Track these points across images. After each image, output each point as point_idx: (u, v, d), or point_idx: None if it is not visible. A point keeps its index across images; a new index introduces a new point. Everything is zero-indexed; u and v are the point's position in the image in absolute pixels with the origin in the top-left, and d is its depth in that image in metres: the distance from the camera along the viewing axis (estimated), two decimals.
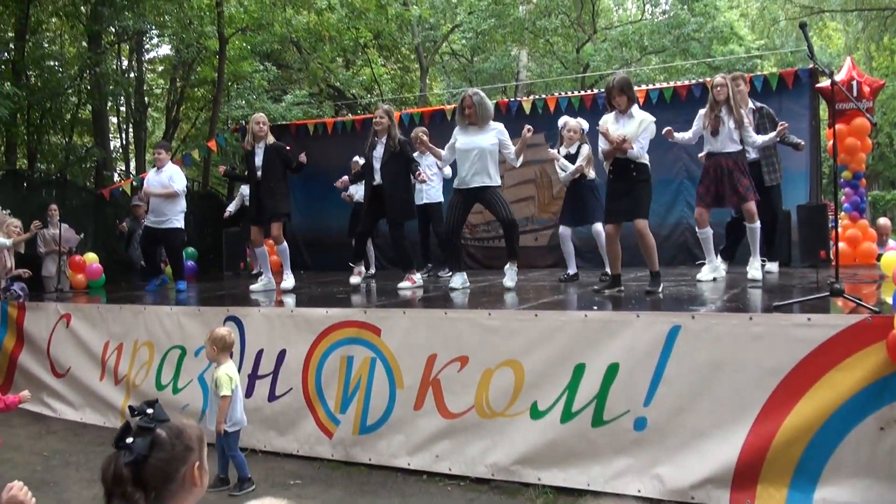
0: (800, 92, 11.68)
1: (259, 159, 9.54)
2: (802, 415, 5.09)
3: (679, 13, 24.32)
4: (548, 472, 5.88)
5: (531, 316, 6.16)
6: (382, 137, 9.30)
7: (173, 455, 2.20)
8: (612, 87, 7.59)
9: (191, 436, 2.27)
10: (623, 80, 7.62)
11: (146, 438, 2.16)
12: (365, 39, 23.82)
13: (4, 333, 9.59)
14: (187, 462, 2.23)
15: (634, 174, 7.51)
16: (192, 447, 2.26)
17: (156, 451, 2.16)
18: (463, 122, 8.61)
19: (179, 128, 24.19)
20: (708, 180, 8.40)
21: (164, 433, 2.20)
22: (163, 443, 2.18)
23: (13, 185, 13.27)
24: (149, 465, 2.14)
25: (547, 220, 13.13)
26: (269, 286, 9.82)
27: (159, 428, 2.20)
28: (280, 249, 9.89)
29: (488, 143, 8.44)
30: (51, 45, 20.43)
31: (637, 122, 7.50)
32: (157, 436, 2.19)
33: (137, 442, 2.15)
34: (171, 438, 2.21)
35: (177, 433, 2.24)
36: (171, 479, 2.19)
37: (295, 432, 7.09)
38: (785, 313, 5.43)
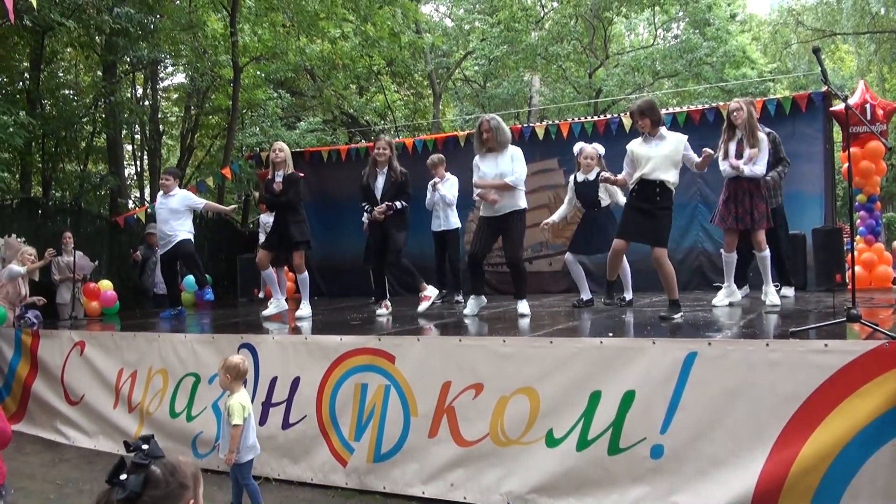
0: (813, 115, 11.65)
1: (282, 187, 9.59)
2: (820, 442, 5.03)
3: (691, 38, 24.37)
4: (564, 501, 5.83)
5: (546, 343, 6.13)
6: (384, 168, 9.30)
7: (167, 493, 2.18)
8: (633, 111, 7.67)
9: (186, 473, 2.26)
10: (644, 104, 7.66)
11: (140, 475, 2.15)
12: (378, 67, 23.92)
13: (19, 361, 9.61)
14: (181, 500, 2.22)
15: (658, 199, 7.53)
16: (187, 485, 2.25)
17: (149, 488, 2.15)
18: (481, 149, 8.54)
19: (194, 155, 24.28)
20: (730, 203, 8.35)
21: (159, 470, 2.19)
22: (157, 480, 2.17)
23: (28, 213, 13.31)
24: (141, 502, 2.13)
25: (561, 245, 13.10)
26: (281, 307, 9.83)
27: (154, 464, 2.19)
28: (301, 279, 9.83)
29: (508, 168, 8.36)
30: (66, 74, 20.58)
31: (670, 145, 7.59)
32: (151, 472, 2.17)
33: (131, 479, 2.13)
34: (166, 476, 2.20)
35: (171, 470, 2.23)
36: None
37: (309, 460, 7.06)
38: (802, 339, 5.39)
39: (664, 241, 7.60)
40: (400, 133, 25.43)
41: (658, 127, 7.65)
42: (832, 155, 12.00)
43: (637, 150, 7.68)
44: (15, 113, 13.21)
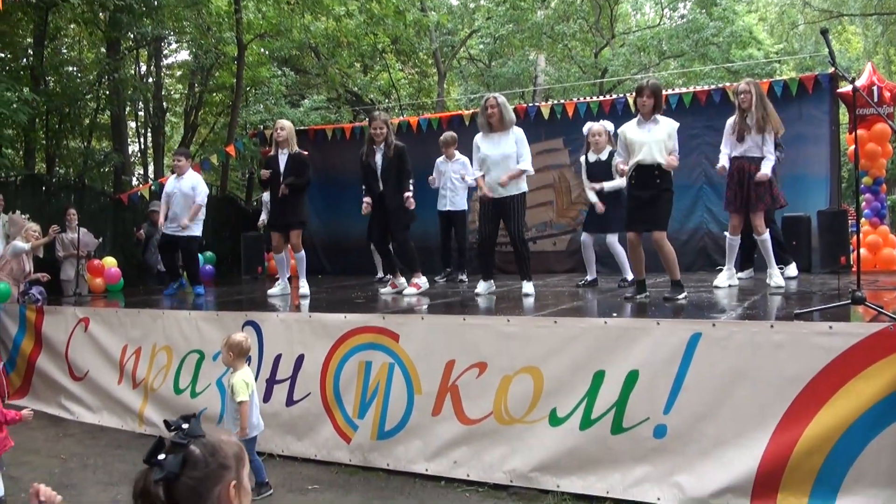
0: (820, 97, 11.61)
1: (282, 166, 9.59)
2: (823, 424, 5.04)
3: (697, 17, 24.21)
4: (567, 480, 5.85)
5: (550, 322, 6.14)
6: (381, 146, 9.28)
7: (207, 473, 2.07)
8: (646, 86, 7.57)
9: (227, 453, 2.14)
10: (657, 86, 7.62)
11: (178, 455, 2.04)
12: (383, 44, 23.86)
13: (23, 337, 9.64)
14: (222, 481, 2.10)
15: (658, 181, 7.49)
16: (229, 465, 2.13)
17: (188, 468, 2.04)
18: (486, 128, 8.51)
19: (198, 132, 24.26)
20: (734, 184, 8.34)
21: (198, 450, 2.08)
22: (196, 460, 2.06)
23: (32, 190, 13.32)
24: (180, 483, 2.03)
25: (565, 224, 13.11)
26: (285, 290, 9.87)
27: (193, 444, 2.08)
28: (298, 257, 9.91)
29: (512, 150, 8.37)
30: (69, 50, 20.56)
31: (664, 130, 7.52)
32: (191, 453, 2.06)
33: (169, 459, 2.03)
34: (206, 456, 2.08)
35: (212, 450, 2.11)
36: (203, 498, 2.07)
37: (313, 437, 7.08)
38: (806, 321, 5.39)
39: (664, 225, 7.58)
40: (404, 111, 25.38)
41: (656, 112, 7.61)
42: (838, 137, 11.97)
43: (631, 135, 7.63)
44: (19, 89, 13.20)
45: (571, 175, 12.74)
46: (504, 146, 8.36)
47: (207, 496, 2.07)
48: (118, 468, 7.05)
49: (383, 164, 9.22)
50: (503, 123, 8.41)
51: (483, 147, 8.49)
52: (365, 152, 9.40)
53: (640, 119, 7.61)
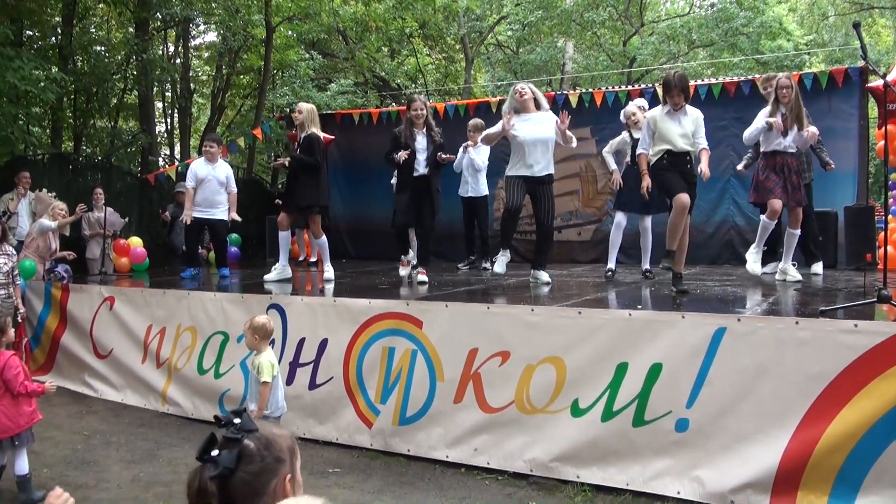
0: (849, 91, 11.51)
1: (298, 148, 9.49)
2: (846, 422, 5.03)
3: (727, 7, 24.03)
4: (587, 471, 5.87)
5: (574, 313, 6.14)
6: (423, 129, 9.20)
7: (263, 468, 2.06)
8: (674, 84, 7.52)
9: (281, 446, 2.13)
10: (683, 78, 7.61)
11: (233, 450, 2.03)
12: (411, 29, 23.82)
13: (48, 314, 9.73)
14: (278, 475, 2.08)
15: (689, 167, 7.58)
16: (283, 458, 2.11)
17: (243, 463, 2.03)
18: (519, 109, 8.47)
19: (224, 115, 24.30)
20: (776, 175, 8.18)
21: (253, 444, 2.06)
22: (251, 455, 2.05)
23: (59, 169, 13.40)
24: (236, 479, 2.01)
25: (590, 214, 13.08)
26: (283, 274, 9.57)
27: (247, 439, 2.06)
28: (320, 243, 9.79)
29: (551, 133, 8.39)
30: (98, 30, 20.61)
31: (691, 119, 7.57)
32: (245, 447, 2.05)
33: (224, 455, 2.02)
34: (261, 450, 2.07)
35: (266, 444, 2.09)
36: (260, 493, 2.05)
37: (335, 421, 7.13)
38: (831, 319, 5.37)
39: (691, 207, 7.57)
40: (431, 97, 25.35)
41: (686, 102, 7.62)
42: (867, 132, 11.86)
43: (662, 124, 7.60)
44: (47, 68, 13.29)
45: (598, 164, 12.67)
46: (544, 128, 8.39)
47: (263, 490, 2.06)
48: (140, 446, 7.11)
49: (429, 149, 9.13)
50: (537, 105, 8.47)
51: (521, 130, 8.38)
52: (403, 134, 9.22)
53: (670, 110, 7.60)
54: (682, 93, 7.49)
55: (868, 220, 10.24)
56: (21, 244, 10.65)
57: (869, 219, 10.27)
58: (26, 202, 11.30)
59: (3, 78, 11.52)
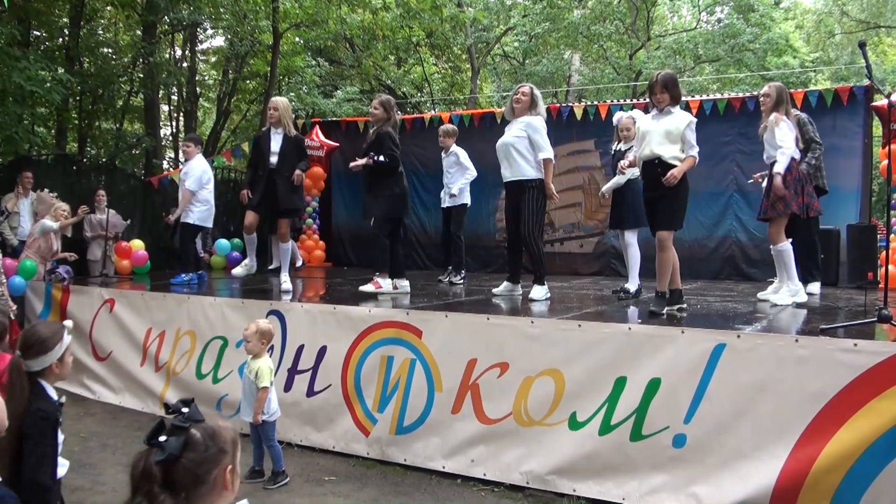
0: (854, 109, 11.53)
1: (275, 146, 9.06)
2: (843, 442, 5.00)
3: (734, 22, 24.09)
4: (583, 484, 5.85)
5: (574, 326, 6.12)
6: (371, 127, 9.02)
7: (206, 457, 2.15)
8: (655, 81, 7.05)
9: (225, 438, 2.22)
10: (667, 76, 7.07)
11: (180, 438, 2.12)
12: (418, 38, 23.87)
13: (48, 315, 9.73)
14: (219, 465, 2.18)
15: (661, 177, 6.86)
16: (226, 450, 2.21)
17: (188, 451, 2.12)
18: (510, 115, 8.23)
19: (230, 119, 24.36)
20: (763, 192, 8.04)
21: (199, 434, 2.15)
22: (196, 443, 2.14)
23: (63, 169, 13.42)
24: (180, 465, 2.10)
25: (592, 227, 13.07)
26: (251, 270, 9.43)
27: (193, 428, 2.15)
28: (283, 248, 9.44)
29: (518, 136, 7.95)
30: (105, 32, 20.68)
31: (674, 122, 6.96)
32: (191, 436, 2.14)
33: (171, 441, 2.10)
34: (206, 440, 2.16)
35: (211, 434, 2.18)
36: (201, 481, 2.14)
37: (332, 428, 7.11)
38: (831, 337, 5.35)
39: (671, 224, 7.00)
40: (436, 106, 25.38)
41: (675, 105, 7.11)
42: (871, 150, 11.88)
43: (642, 126, 7.23)
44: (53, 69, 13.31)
45: (602, 177, 12.68)
46: (510, 132, 8.06)
47: (205, 479, 2.14)
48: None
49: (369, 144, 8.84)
50: (530, 113, 8.08)
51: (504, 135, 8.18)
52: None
53: (656, 113, 7.14)
54: (664, 90, 6.99)
55: (870, 238, 10.24)
56: (22, 244, 10.67)
57: (871, 237, 10.27)
58: (28, 202, 11.32)
59: (10, 78, 11.55)
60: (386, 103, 8.94)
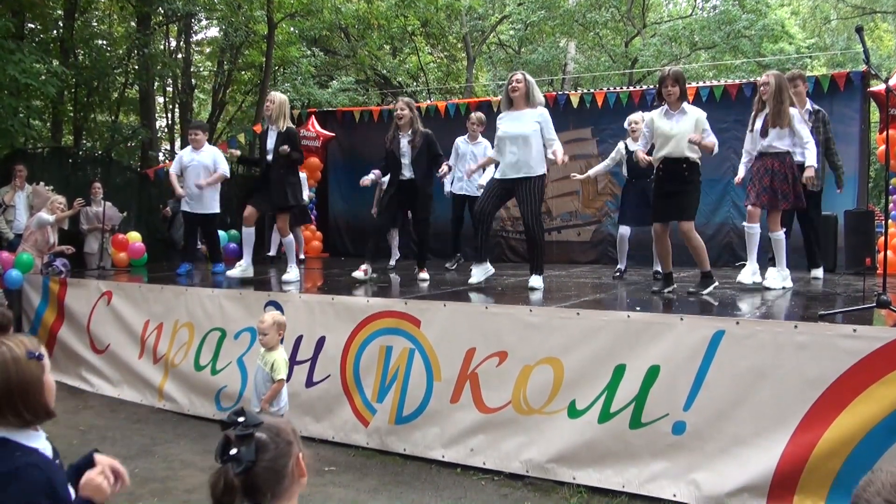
0: (851, 95, 11.51)
1: (271, 142, 9.05)
2: (843, 427, 5.02)
3: (730, 9, 24.02)
4: (583, 472, 5.85)
5: (573, 314, 6.12)
6: (407, 131, 8.97)
7: (279, 453, 2.22)
8: (668, 75, 7.37)
9: (287, 430, 2.30)
10: (679, 71, 7.45)
11: (250, 445, 2.17)
12: (413, 27, 23.82)
13: (45, 308, 9.72)
14: (291, 456, 2.26)
15: (686, 174, 7.37)
16: (292, 440, 2.28)
17: (262, 453, 2.18)
18: (506, 105, 8.11)
19: (225, 110, 24.31)
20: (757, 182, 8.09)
21: (264, 435, 2.21)
22: (266, 444, 2.20)
23: (58, 162, 13.37)
24: (258, 469, 2.16)
25: (590, 215, 13.06)
26: (247, 272, 9.28)
27: (258, 432, 2.21)
28: (286, 242, 9.38)
29: (532, 130, 7.88)
30: (99, 24, 20.63)
31: (692, 119, 7.31)
32: (259, 439, 2.20)
33: (242, 451, 2.16)
34: (273, 438, 2.23)
35: (276, 431, 2.25)
36: (282, 476, 2.22)
37: (331, 419, 7.12)
38: (830, 323, 5.35)
39: (690, 215, 7.48)
40: (432, 96, 25.34)
41: (682, 101, 7.43)
42: (868, 136, 11.86)
43: (659, 124, 7.44)
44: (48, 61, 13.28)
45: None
46: (523, 124, 7.91)
47: (284, 473, 2.23)
48: (136, 441, 7.10)
49: (411, 152, 8.90)
50: (527, 101, 7.98)
51: (502, 125, 8.08)
52: (389, 137, 9.11)
53: (668, 110, 7.42)
54: (676, 83, 7.29)
55: (868, 224, 10.22)
56: (19, 237, 10.65)
57: (869, 223, 10.25)
58: (23, 195, 11.28)
59: (4, 71, 11.51)
60: (410, 104, 9.11)
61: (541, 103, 8.11)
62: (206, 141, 10.70)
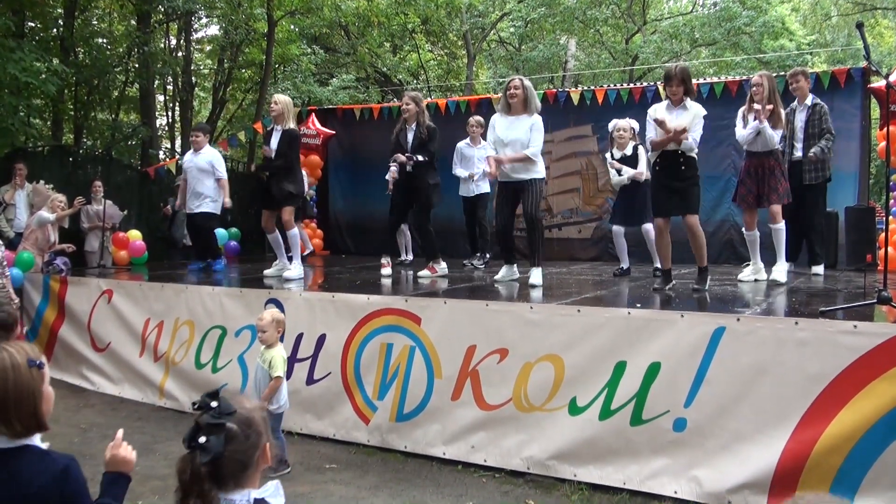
0: (851, 91, 11.48)
1: (274, 142, 9.20)
2: (844, 424, 5.01)
3: (730, 6, 24.00)
4: (584, 469, 5.85)
5: (574, 311, 6.12)
6: (412, 124, 9.14)
7: (248, 445, 2.21)
8: (674, 74, 7.31)
9: (258, 420, 2.28)
10: (685, 70, 7.39)
11: (220, 435, 2.15)
12: (413, 25, 23.81)
13: (46, 306, 9.72)
14: (259, 447, 2.25)
15: (683, 168, 7.34)
16: (261, 431, 2.27)
17: (230, 444, 2.16)
18: (505, 109, 8.25)
19: (226, 108, 24.31)
20: (750, 180, 8.25)
21: (235, 426, 2.19)
22: (235, 436, 2.18)
23: (59, 161, 13.34)
24: (225, 459, 2.15)
25: (591, 212, 13.05)
26: (282, 269, 9.45)
27: (229, 422, 2.19)
28: (290, 235, 9.42)
29: (525, 136, 8.06)
30: (100, 22, 20.62)
31: (692, 114, 7.29)
32: (230, 430, 2.18)
33: (212, 440, 2.14)
34: (243, 429, 2.21)
35: (247, 422, 2.24)
36: (247, 465, 2.21)
37: (332, 416, 7.12)
38: (831, 319, 5.35)
39: (696, 208, 7.46)
40: (432, 93, 25.33)
41: (687, 97, 7.41)
42: (869, 132, 11.84)
43: (660, 117, 7.40)
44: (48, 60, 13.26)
45: (599, 162, 12.65)
46: (518, 130, 8.09)
47: (250, 462, 2.22)
48: (137, 440, 7.07)
49: (414, 143, 9.06)
50: (525, 107, 8.14)
51: (498, 128, 8.23)
52: (397, 129, 9.29)
53: (670, 104, 7.42)
54: (681, 84, 7.29)
55: (869, 220, 10.22)
56: (20, 236, 10.64)
57: (870, 220, 10.25)
58: (23, 194, 11.27)
59: (5, 69, 11.51)
60: (416, 98, 9.25)
61: (537, 109, 8.24)
62: (206, 143, 10.76)
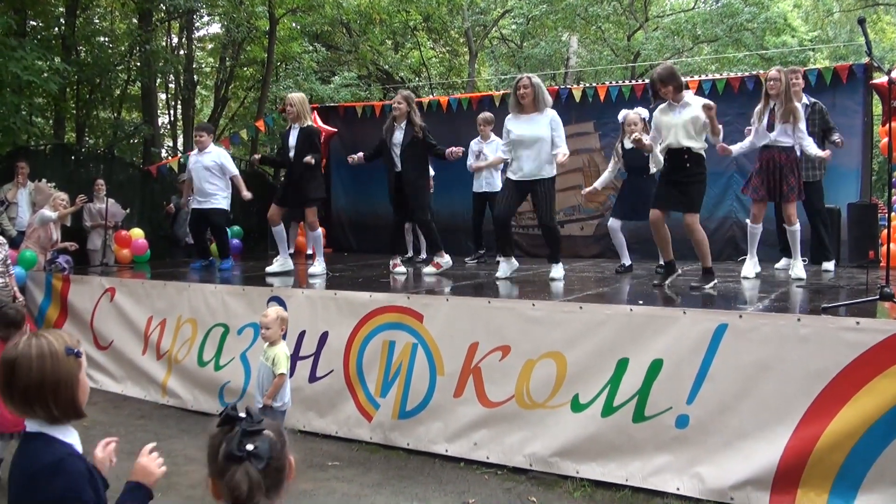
0: (853, 87, 11.47)
1: (293, 140, 9.38)
2: (847, 420, 5.01)
3: (732, 2, 23.98)
4: (586, 466, 5.85)
5: (576, 308, 6.11)
6: (401, 123, 9.20)
7: (282, 451, 2.19)
8: (654, 80, 7.35)
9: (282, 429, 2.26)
10: (663, 72, 7.31)
11: (264, 440, 2.13)
12: (415, 22, 23.80)
13: (48, 305, 9.72)
14: (287, 456, 2.22)
15: (688, 165, 7.30)
16: (286, 440, 2.25)
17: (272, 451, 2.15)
18: (516, 108, 8.22)
19: (228, 106, 24.31)
20: (763, 173, 8.23)
21: (271, 432, 2.18)
22: (274, 442, 2.16)
23: (61, 159, 13.35)
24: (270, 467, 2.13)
25: (593, 209, 13.05)
26: (285, 266, 9.63)
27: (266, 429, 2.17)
28: (314, 236, 9.67)
29: (546, 133, 8.06)
30: (101, 21, 20.62)
31: (693, 111, 7.24)
32: (268, 436, 2.16)
33: (259, 446, 2.11)
34: (277, 435, 2.19)
35: (276, 429, 2.22)
36: (283, 472, 2.18)
37: (334, 414, 7.12)
38: (833, 316, 5.35)
39: (696, 207, 7.42)
40: (434, 90, 25.33)
41: (681, 92, 7.35)
42: (871, 128, 11.82)
43: (660, 118, 7.46)
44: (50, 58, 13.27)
45: (601, 160, 12.65)
46: (537, 128, 8.07)
47: (284, 467, 2.19)
48: (140, 438, 7.10)
49: (404, 142, 9.14)
50: (536, 105, 8.12)
51: (514, 129, 8.18)
52: (386, 127, 9.37)
53: (670, 103, 7.40)
54: (666, 84, 7.26)
55: (871, 217, 10.20)
56: (22, 234, 10.64)
57: (872, 216, 10.23)
58: (26, 192, 11.28)
59: (6, 68, 11.51)
60: (408, 97, 9.34)
61: (549, 105, 8.24)
62: (210, 142, 10.78)
